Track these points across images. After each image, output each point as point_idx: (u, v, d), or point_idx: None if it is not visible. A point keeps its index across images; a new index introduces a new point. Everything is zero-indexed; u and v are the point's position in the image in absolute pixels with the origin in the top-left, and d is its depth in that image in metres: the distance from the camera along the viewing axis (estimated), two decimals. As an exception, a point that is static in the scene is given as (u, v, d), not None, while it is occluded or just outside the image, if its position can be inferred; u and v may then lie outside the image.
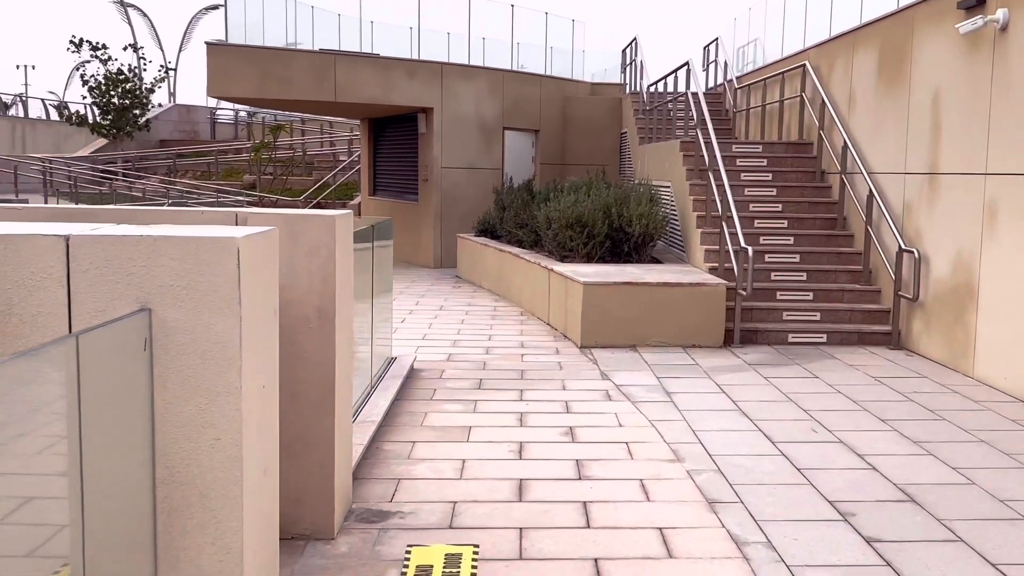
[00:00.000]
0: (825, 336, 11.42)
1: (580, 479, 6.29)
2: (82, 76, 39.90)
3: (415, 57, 20.89)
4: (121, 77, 39.35)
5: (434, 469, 6.48)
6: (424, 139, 20.43)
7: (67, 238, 3.26)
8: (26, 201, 32.13)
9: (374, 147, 23.66)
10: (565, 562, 4.96)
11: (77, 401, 3.24)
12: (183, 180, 33.65)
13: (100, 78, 39.48)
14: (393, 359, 9.48)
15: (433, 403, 8.30)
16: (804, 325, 11.58)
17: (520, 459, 6.72)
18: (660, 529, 5.41)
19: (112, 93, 39.25)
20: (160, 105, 43.87)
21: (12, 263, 3.26)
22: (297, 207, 27.76)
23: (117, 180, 33.85)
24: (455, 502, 5.84)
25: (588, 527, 5.44)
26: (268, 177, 31.49)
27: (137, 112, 39.68)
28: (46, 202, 32.55)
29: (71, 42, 39.46)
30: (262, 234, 3.53)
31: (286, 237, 5.13)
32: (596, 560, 4.98)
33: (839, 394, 8.82)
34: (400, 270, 19.44)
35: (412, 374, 9.31)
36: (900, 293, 11.19)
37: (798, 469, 6.54)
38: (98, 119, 39.86)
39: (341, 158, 32.50)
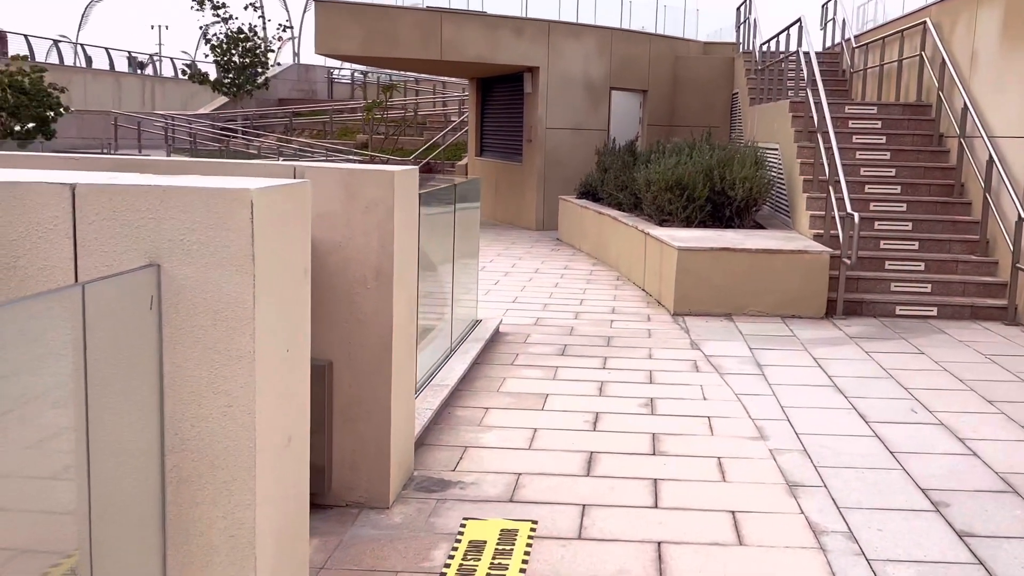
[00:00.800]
0: (935, 309, 10.74)
1: (654, 454, 5.93)
2: (206, 35, 40.53)
3: (522, 15, 20.47)
4: (241, 36, 39.83)
5: (503, 438, 6.18)
6: (529, 99, 20.04)
7: (73, 187, 3.03)
8: (149, 156, 32.84)
9: (482, 107, 23.37)
10: (625, 544, 4.62)
11: (83, 358, 3.02)
12: (298, 139, 33.95)
13: (222, 37, 40.04)
14: (478, 322, 9.21)
15: (513, 368, 8.00)
16: (913, 297, 10.91)
17: (594, 430, 6.38)
18: (732, 513, 5.02)
19: (233, 52, 39.78)
20: (280, 64, 44.32)
21: (18, 212, 3.04)
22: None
23: (235, 137, 34.34)
24: (520, 474, 5.54)
25: (655, 507, 5.09)
26: (380, 137, 31.51)
27: (257, 71, 40.15)
28: (140, 152, 33.26)
29: (195, 0, 40.07)
30: (284, 187, 3.24)
31: (343, 193, 4.87)
32: (659, 544, 4.63)
33: (945, 372, 8.22)
34: (501, 232, 19.17)
35: (496, 338, 9.03)
36: (1018, 265, 10.43)
37: (891, 453, 6.05)
38: (220, 77, 40.48)
39: (453, 118, 32.32)
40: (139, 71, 57.88)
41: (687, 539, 4.68)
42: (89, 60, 54.70)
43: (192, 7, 40.42)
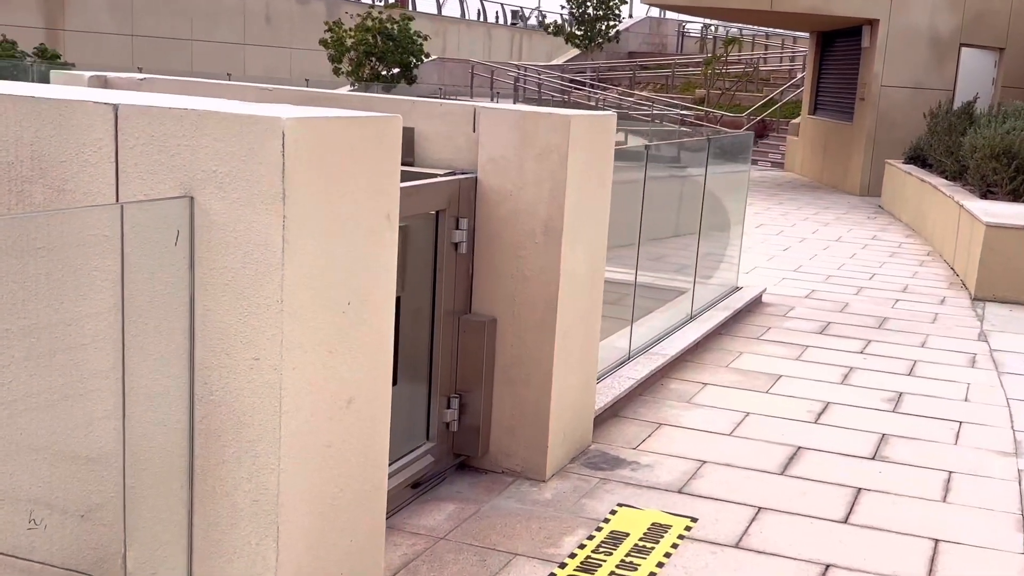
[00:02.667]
0: None
1: (873, 459, 5.06)
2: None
3: (866, -37, 18.80)
4: (596, -12, 39.83)
5: (707, 419, 5.53)
6: (866, 54, 18.43)
7: (116, 107, 2.79)
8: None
9: (819, 63, 21.85)
10: (785, 562, 3.91)
11: (120, 289, 2.81)
12: (640, 92, 33.58)
13: (578, -11, 40.24)
14: (738, 289, 8.45)
15: (756, 343, 7.23)
16: None
17: (815, 422, 5.57)
18: (935, 542, 4.14)
19: (587, 4, 39.90)
20: (631, 17, 44.00)
21: (66, 133, 2.85)
22: (739, 124, 26.60)
23: (579, 90, 34.51)
24: (704, 461, 4.90)
25: (844, 522, 4.30)
26: (718, 92, 30.47)
27: (608, 23, 40.08)
28: (493, 100, 34.00)
29: (554, -46, 40.45)
30: (333, 120, 2.83)
31: (517, 137, 4.42)
32: (827, 567, 3.87)
33: None
34: (819, 196, 17.86)
35: (754, 308, 8.24)
36: None
37: None
38: (573, 30, 40.80)
39: (797, 75, 30.64)
40: (511, 23, 59.66)
41: (865, 567, 3.89)
42: (464, 11, 57.06)
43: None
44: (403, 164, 4.65)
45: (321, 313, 2.88)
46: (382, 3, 40.61)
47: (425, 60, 34.12)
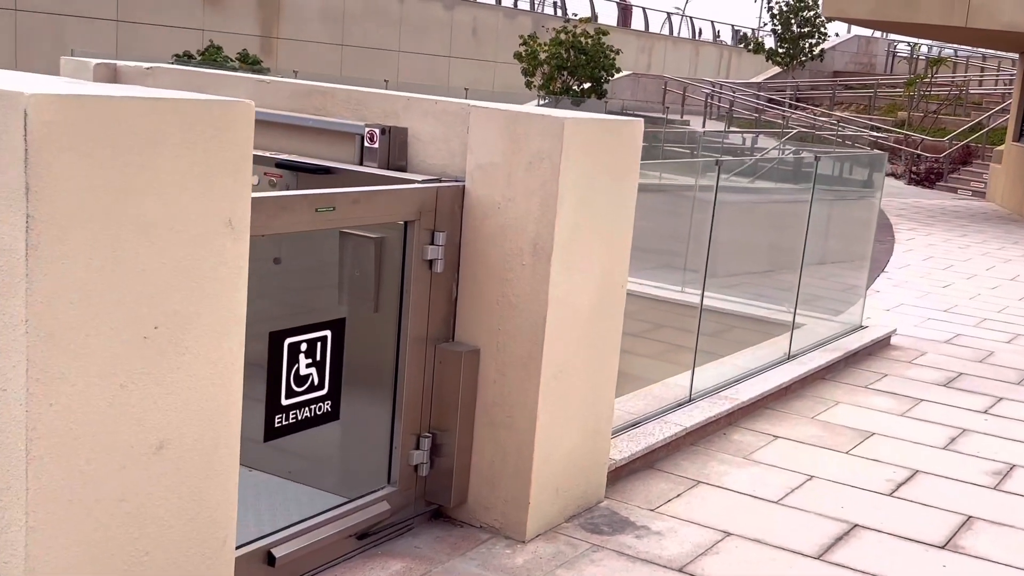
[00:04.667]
0: None
1: (942, 547, 4.07)
2: (769, 4, 39.35)
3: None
4: (801, 4, 38.11)
5: (757, 480, 4.65)
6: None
7: None
8: (688, 122, 32.77)
9: (1028, 85, 19.83)
10: None
11: None
12: (837, 112, 31.77)
13: (783, 6, 38.64)
14: (860, 328, 7.37)
15: (861, 391, 6.21)
16: None
17: (889, 495, 4.60)
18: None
19: (792, 21, 38.25)
20: (837, 35, 41.86)
21: None
22: (940, 149, 24.57)
23: (773, 108, 33.00)
24: (728, 534, 4.05)
25: (870, 633, 3.38)
26: (920, 115, 28.37)
27: (812, 41, 38.27)
28: (703, 125, 32.88)
29: (760, -30, 38.96)
30: (113, 100, 2.24)
31: (506, 142, 3.73)
32: None
33: None
34: (1012, 230, 16.08)
35: (875, 351, 7.16)
36: None
37: None
38: (774, 47, 39.20)
39: (1009, 99, 28.15)
40: (715, 39, 58.26)
41: None
42: (672, 28, 56.06)
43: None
44: (395, 168, 4.08)
45: (105, 338, 2.30)
46: (590, 18, 40.23)
47: (617, 75, 33.45)
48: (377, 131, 3.99)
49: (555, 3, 46.82)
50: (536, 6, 45.72)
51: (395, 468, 3.84)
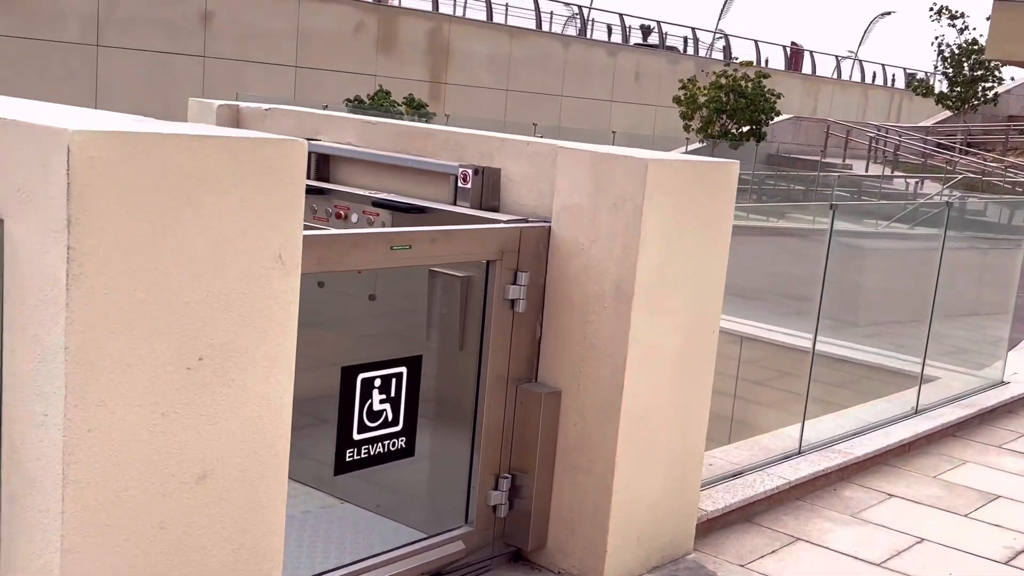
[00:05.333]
0: None
1: (1058, 627, 3.71)
2: (939, 46, 37.90)
3: None
4: (975, 47, 36.51)
5: (862, 540, 4.37)
6: None
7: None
8: (850, 167, 31.79)
9: None
10: None
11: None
12: (1008, 159, 30.19)
13: (955, 49, 37.13)
14: (1002, 384, 6.89)
15: (992, 451, 5.79)
16: None
17: (1004, 563, 4.24)
18: None
19: (964, 63, 36.70)
20: (1013, 79, 39.84)
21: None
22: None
23: (940, 153, 31.63)
24: (819, 596, 3.81)
25: None
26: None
27: (986, 85, 36.59)
28: (866, 169, 31.81)
29: (931, 10, 37.63)
30: (154, 136, 2.27)
31: (591, 183, 3.66)
32: None
33: None
34: None
35: (1016, 408, 6.67)
36: None
37: None
38: (944, 90, 37.67)
39: None
40: (886, 83, 56.49)
41: None
42: (839, 71, 54.70)
43: (930, 17, 38.04)
44: (488, 208, 4.05)
45: (146, 368, 2.33)
46: (751, 61, 39.69)
47: (777, 118, 32.79)
48: (470, 171, 3.98)
49: (723, 47, 46.42)
50: (700, 51, 45.43)
51: (473, 507, 3.78)
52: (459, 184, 4.02)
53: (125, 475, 2.34)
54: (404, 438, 3.50)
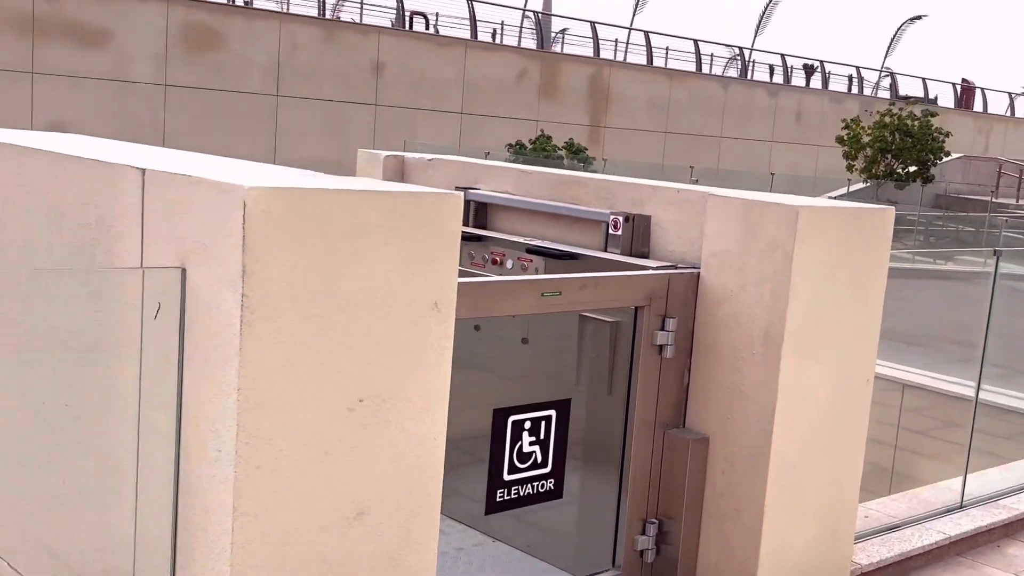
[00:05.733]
0: None
1: None
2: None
3: None
4: None
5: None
6: None
7: (143, 171, 2.63)
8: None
9: None
10: None
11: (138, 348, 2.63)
12: None
13: None
14: None
15: None
16: None
17: None
18: None
19: None
20: None
21: (111, 194, 2.74)
22: None
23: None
24: (980, 658, 3.64)
25: None
26: None
27: None
28: (1017, 201, 30.22)
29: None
30: (321, 192, 2.41)
31: (741, 228, 3.66)
32: None
33: None
34: None
35: None
36: None
37: None
38: None
39: None
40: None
41: None
42: (1012, 109, 52.33)
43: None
44: (637, 254, 4.08)
45: (311, 408, 2.46)
46: (919, 99, 38.41)
47: (946, 158, 31.58)
48: (621, 219, 4.02)
49: (889, 85, 45.07)
50: (865, 90, 44.25)
51: (620, 551, 3.78)
52: (610, 231, 4.07)
53: (289, 509, 2.46)
54: (553, 480, 3.55)
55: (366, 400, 2.55)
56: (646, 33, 36.66)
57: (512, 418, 3.41)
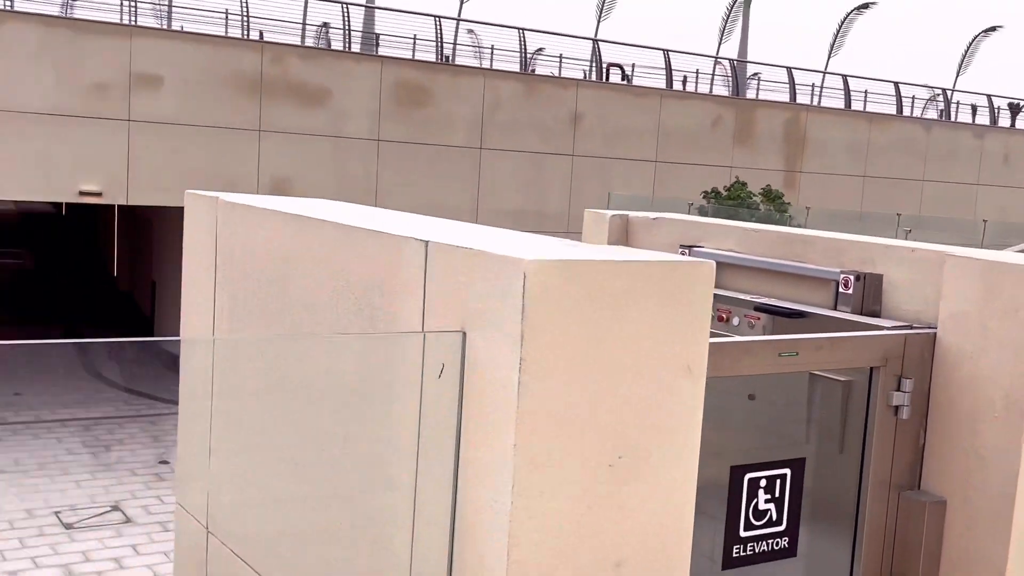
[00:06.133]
0: None
1: None
2: None
3: None
4: None
5: None
6: None
7: (427, 242, 2.89)
8: None
9: None
10: None
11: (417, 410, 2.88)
12: None
13: None
14: None
15: None
16: None
17: None
18: None
19: None
20: None
21: (393, 264, 3.02)
22: None
23: None
24: None
25: None
26: None
27: None
28: None
29: None
30: (591, 263, 2.59)
31: (979, 290, 3.62)
32: None
33: None
34: None
35: None
36: None
37: None
38: None
39: None
40: None
41: None
42: None
43: None
44: (868, 313, 4.08)
45: (576, 464, 2.63)
46: None
47: None
48: (852, 277, 4.04)
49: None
50: (1080, 129, 41.66)
51: (854, 612, 3.76)
52: (840, 289, 4.09)
53: (556, 559, 2.63)
54: (787, 538, 3.59)
55: (625, 457, 2.70)
56: (844, 77, 35.84)
57: (748, 475, 3.48)
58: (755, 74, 37.24)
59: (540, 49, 31.33)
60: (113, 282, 28.27)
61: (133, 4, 20.87)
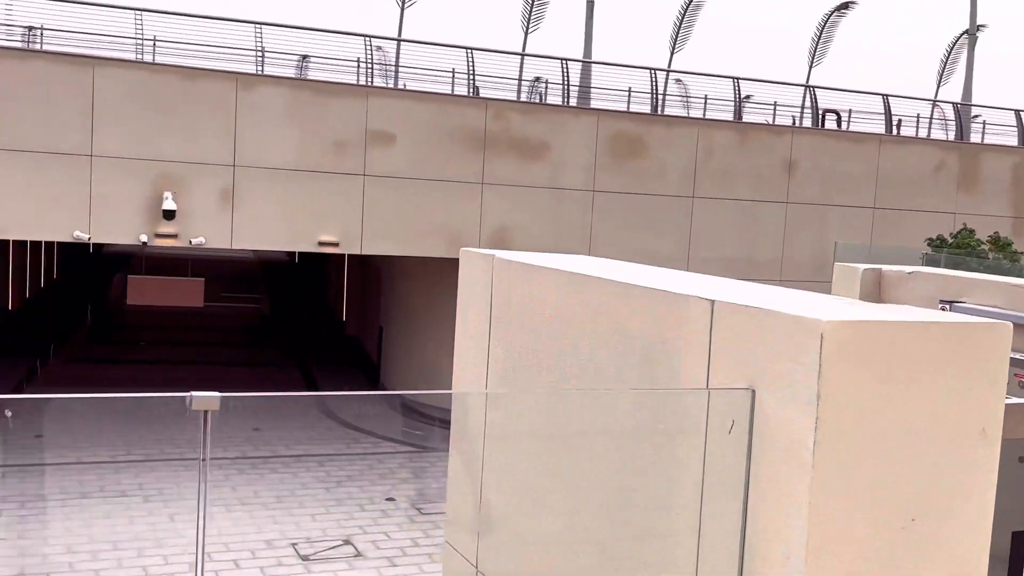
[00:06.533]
0: None
1: None
2: None
3: None
4: None
5: None
6: None
7: (712, 301, 2.96)
8: None
9: None
10: None
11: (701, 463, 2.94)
12: None
13: None
14: None
15: None
16: None
17: None
18: None
19: None
20: None
21: (675, 319, 3.10)
22: None
23: None
24: None
25: None
26: None
27: None
28: None
29: None
30: (887, 324, 2.58)
31: None
32: None
33: None
34: None
35: None
36: None
37: None
38: None
39: None
40: None
41: None
42: None
43: None
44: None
45: (867, 524, 2.62)
46: None
47: None
48: None
49: None
50: None
51: None
52: (1124, 350, 3.87)
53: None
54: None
55: (918, 520, 2.66)
56: (1081, 118, 33.44)
57: (1031, 541, 3.34)
58: (975, 116, 35.30)
59: (748, 96, 30.93)
60: (342, 326, 29.74)
61: (369, 65, 22.12)
